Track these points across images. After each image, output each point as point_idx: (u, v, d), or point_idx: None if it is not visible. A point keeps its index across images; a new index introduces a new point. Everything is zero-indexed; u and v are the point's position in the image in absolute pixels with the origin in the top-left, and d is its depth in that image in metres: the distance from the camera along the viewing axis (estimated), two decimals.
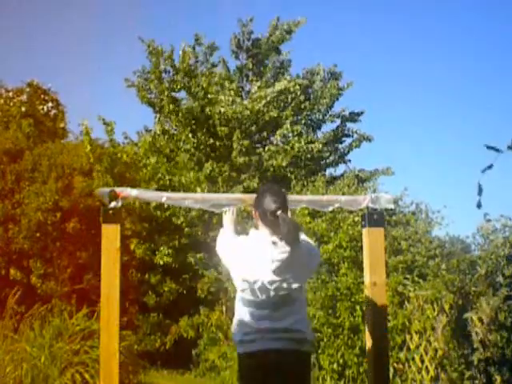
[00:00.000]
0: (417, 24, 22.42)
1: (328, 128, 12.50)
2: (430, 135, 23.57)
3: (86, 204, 9.68)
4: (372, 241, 3.60)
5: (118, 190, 3.41)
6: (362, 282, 4.16)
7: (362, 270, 3.90)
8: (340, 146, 12.46)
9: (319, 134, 12.36)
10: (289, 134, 11.44)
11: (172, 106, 11.31)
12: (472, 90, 23.34)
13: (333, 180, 11.32)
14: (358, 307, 6.49)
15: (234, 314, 3.08)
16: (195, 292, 10.56)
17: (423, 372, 5.73)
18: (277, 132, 11.36)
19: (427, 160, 22.90)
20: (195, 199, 3.59)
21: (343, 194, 8.55)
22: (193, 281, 10.83)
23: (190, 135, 11.25)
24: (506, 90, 22.43)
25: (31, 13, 26.11)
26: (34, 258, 9.54)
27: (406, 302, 6.26)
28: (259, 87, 11.64)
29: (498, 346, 4.76)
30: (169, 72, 11.67)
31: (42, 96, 15.16)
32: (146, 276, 10.66)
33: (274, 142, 11.51)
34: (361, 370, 6.28)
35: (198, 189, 10.36)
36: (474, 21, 22.00)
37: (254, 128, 11.16)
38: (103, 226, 3.38)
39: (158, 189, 10.88)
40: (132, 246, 10.33)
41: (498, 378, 4.75)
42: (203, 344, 9.74)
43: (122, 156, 10.93)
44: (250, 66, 12.32)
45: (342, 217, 7.90)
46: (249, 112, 10.81)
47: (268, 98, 10.97)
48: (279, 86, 11.22)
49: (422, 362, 5.76)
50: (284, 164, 10.95)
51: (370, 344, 3.55)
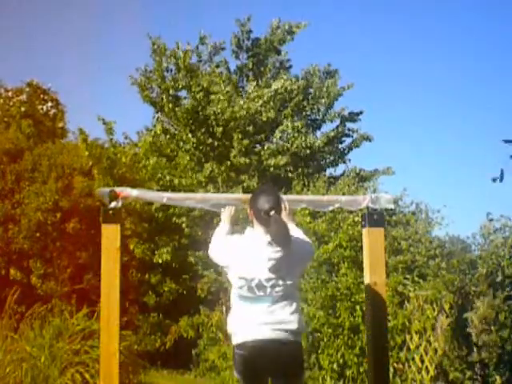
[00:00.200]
0: (417, 24, 22.40)
1: (328, 128, 12.51)
2: (430, 135, 23.55)
3: (86, 204, 9.68)
4: (372, 241, 3.61)
5: (118, 190, 3.42)
6: (362, 282, 4.16)
7: (362, 269, 3.90)
8: (340, 145, 12.45)
9: (319, 134, 12.34)
10: (288, 131, 11.41)
11: (171, 106, 11.30)
12: (472, 90, 23.34)
13: (333, 180, 11.29)
14: (358, 307, 6.48)
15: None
16: (195, 292, 10.55)
17: (423, 372, 5.73)
18: (276, 130, 11.34)
19: (427, 160, 22.89)
20: (196, 199, 3.60)
21: (343, 194, 8.54)
22: (193, 281, 10.82)
23: (190, 135, 11.23)
24: (506, 89, 22.43)
25: (31, 12, 26.12)
26: (34, 258, 9.54)
27: (405, 302, 6.26)
28: (259, 86, 11.62)
29: (498, 346, 4.76)
30: (171, 70, 11.66)
31: (42, 96, 15.15)
32: (146, 276, 10.65)
33: (274, 141, 11.48)
34: (361, 370, 6.28)
35: (200, 190, 10.35)
36: (474, 21, 21.98)
37: (251, 128, 11.14)
38: (103, 226, 3.39)
39: (159, 189, 10.89)
40: (131, 246, 10.32)
41: (498, 378, 4.75)
42: (203, 344, 9.74)
43: (122, 157, 10.93)
44: (251, 65, 12.30)
45: (342, 217, 7.89)
46: (245, 112, 10.78)
47: (265, 98, 10.93)
48: (275, 85, 11.19)
49: (422, 362, 5.76)
50: (283, 163, 10.92)
51: (369, 344, 3.55)
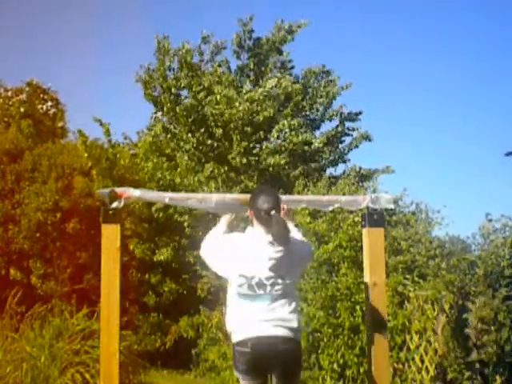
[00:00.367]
0: (417, 24, 22.45)
1: (327, 127, 12.50)
2: (430, 135, 23.61)
3: (86, 204, 9.68)
4: (372, 241, 3.61)
5: (120, 190, 3.42)
6: (362, 282, 4.16)
7: (362, 269, 3.90)
8: (340, 145, 12.43)
9: (318, 134, 12.33)
10: (285, 130, 11.38)
11: (170, 105, 11.29)
12: (472, 90, 23.35)
13: (334, 180, 11.27)
14: (358, 307, 6.48)
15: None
16: (195, 292, 10.54)
17: (423, 372, 5.73)
18: (273, 129, 11.31)
19: (427, 160, 22.93)
20: (197, 199, 3.60)
21: (344, 194, 8.53)
22: (193, 281, 10.81)
23: (190, 135, 11.23)
24: (506, 89, 22.45)
25: (31, 12, 26.11)
26: (34, 258, 9.53)
27: (406, 302, 6.26)
28: (258, 85, 11.60)
29: (498, 346, 4.76)
30: (174, 69, 11.65)
31: (42, 95, 15.15)
32: (146, 276, 10.64)
33: (271, 140, 11.45)
34: (361, 370, 6.27)
35: (205, 188, 10.33)
36: (474, 21, 22.02)
37: (249, 129, 11.12)
38: (103, 226, 3.39)
39: (159, 190, 10.87)
40: (131, 246, 10.32)
41: (498, 378, 4.76)
42: (203, 344, 9.73)
43: (120, 159, 10.92)
44: (252, 65, 12.27)
45: (342, 217, 7.89)
46: (241, 114, 10.76)
47: (258, 97, 10.88)
48: (269, 83, 11.15)
49: (422, 361, 5.76)
50: (282, 162, 10.90)
51: (370, 344, 3.55)
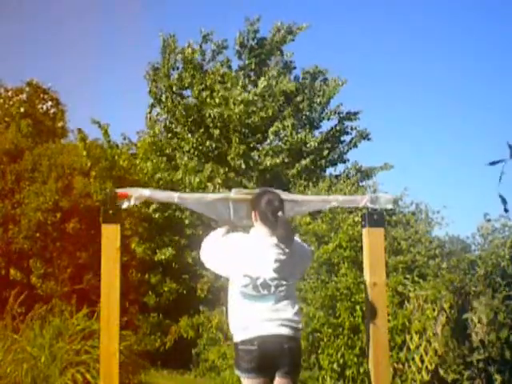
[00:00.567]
0: (417, 24, 22.42)
1: (327, 127, 12.51)
2: (430, 135, 23.60)
3: (86, 204, 9.68)
4: (372, 241, 3.61)
5: (130, 190, 3.43)
6: (362, 282, 4.16)
7: (361, 270, 3.90)
8: (340, 145, 12.43)
9: (317, 133, 12.31)
10: (280, 132, 11.37)
11: (171, 105, 11.28)
12: (472, 90, 23.36)
13: (334, 179, 11.24)
14: (358, 307, 6.48)
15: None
16: (195, 292, 10.55)
17: (423, 372, 5.72)
18: (269, 132, 11.30)
19: (427, 160, 22.93)
20: (206, 199, 3.59)
21: (344, 194, 8.52)
22: (193, 281, 10.82)
23: (189, 135, 11.22)
24: (506, 89, 22.44)
25: (31, 13, 26.10)
26: (34, 258, 9.53)
27: (405, 302, 6.25)
28: (259, 87, 11.59)
29: (498, 346, 4.76)
30: (178, 68, 11.63)
31: (42, 95, 15.13)
32: (146, 276, 10.65)
33: (268, 141, 11.43)
34: (361, 370, 6.27)
35: (209, 184, 10.34)
36: (474, 21, 22.02)
37: (247, 130, 11.10)
38: (103, 226, 3.39)
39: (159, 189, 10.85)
40: (133, 245, 10.31)
41: (498, 378, 4.75)
42: (203, 344, 9.73)
43: (119, 160, 10.92)
44: (253, 66, 12.23)
45: (342, 217, 7.89)
46: (237, 116, 10.75)
47: (251, 98, 10.86)
48: (261, 83, 11.13)
49: (422, 361, 5.76)
50: (279, 162, 10.89)
51: (370, 344, 3.55)
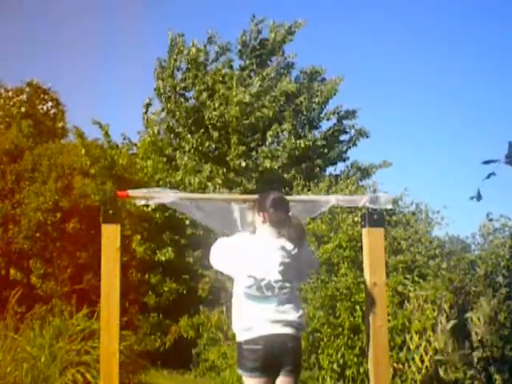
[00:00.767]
0: (417, 24, 22.42)
1: (325, 126, 12.51)
2: (430, 135, 23.61)
3: (86, 204, 9.68)
4: (372, 241, 3.61)
5: (155, 191, 3.46)
6: (362, 282, 4.16)
7: (361, 269, 3.90)
8: (339, 144, 12.42)
9: (317, 133, 12.30)
10: (279, 135, 11.37)
11: (171, 105, 11.28)
12: (472, 90, 23.37)
13: (334, 179, 11.24)
14: (358, 307, 6.47)
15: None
16: (195, 292, 10.55)
17: (423, 372, 5.72)
18: (267, 134, 11.29)
19: (427, 160, 22.95)
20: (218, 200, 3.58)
21: (344, 194, 8.52)
22: (193, 281, 10.82)
23: (189, 136, 11.23)
24: (505, 90, 22.45)
25: (31, 13, 26.10)
26: (34, 258, 9.53)
27: (405, 302, 6.25)
28: (254, 87, 11.57)
29: (498, 346, 4.76)
30: (182, 69, 11.63)
31: (42, 95, 15.14)
32: (146, 276, 10.65)
33: (267, 144, 11.42)
34: (361, 370, 6.26)
35: (209, 184, 10.35)
36: (474, 21, 22.02)
37: (246, 131, 11.10)
38: (103, 226, 3.39)
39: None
40: (133, 245, 10.30)
41: (498, 378, 4.76)
42: (203, 344, 9.73)
43: (119, 159, 10.93)
44: (254, 66, 12.21)
45: (341, 217, 7.89)
46: (234, 117, 10.75)
47: (247, 99, 10.85)
48: (256, 83, 11.11)
49: (422, 361, 5.76)
50: (276, 166, 10.91)
51: (370, 344, 3.55)
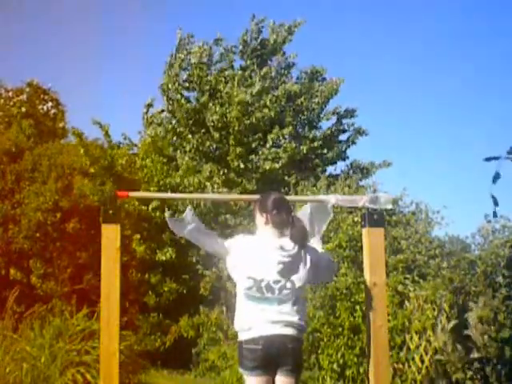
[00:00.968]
0: (417, 28, 22.39)
1: (325, 126, 12.52)
2: (430, 140, 23.65)
3: (86, 204, 9.68)
4: (372, 241, 3.60)
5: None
6: (362, 282, 4.16)
7: (361, 269, 3.90)
8: (338, 144, 12.43)
9: (317, 133, 12.31)
10: (280, 139, 11.38)
11: (174, 105, 11.29)
12: (471, 95, 23.40)
13: (333, 179, 11.25)
14: (358, 307, 6.48)
15: (234, 312, 3.21)
16: (196, 291, 10.55)
17: (423, 372, 5.72)
18: (268, 137, 11.29)
19: (426, 164, 23.02)
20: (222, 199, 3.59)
21: (344, 194, 8.52)
22: (193, 280, 10.83)
23: (190, 136, 11.24)
24: (504, 95, 22.48)
25: (31, 13, 26.11)
26: (34, 258, 9.52)
27: (405, 302, 6.25)
28: (254, 87, 11.57)
29: (498, 346, 4.77)
30: (188, 69, 11.64)
31: (42, 96, 15.13)
32: (146, 276, 10.64)
33: (267, 146, 11.42)
34: (361, 370, 6.27)
35: (207, 184, 10.37)
36: (474, 26, 22.00)
37: (246, 130, 11.10)
38: (103, 226, 3.39)
39: (158, 190, 10.90)
40: (133, 244, 10.30)
41: (498, 378, 4.76)
42: (203, 344, 9.74)
43: (118, 159, 10.93)
44: (255, 66, 12.21)
45: (341, 217, 7.89)
46: (235, 117, 10.75)
47: (248, 99, 10.84)
48: (257, 84, 11.12)
49: (422, 361, 5.76)
50: (277, 167, 10.92)
51: (369, 344, 3.55)
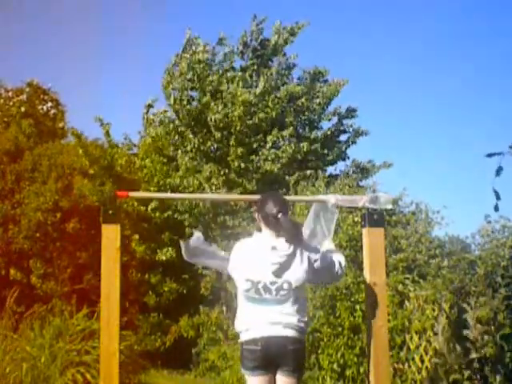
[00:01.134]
0: (417, 29, 22.39)
1: (325, 126, 12.51)
2: (430, 140, 23.65)
3: (86, 204, 9.68)
4: (372, 241, 3.60)
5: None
6: (362, 282, 4.16)
7: (361, 269, 3.90)
8: (338, 145, 12.42)
9: (318, 133, 12.30)
10: (279, 140, 11.38)
11: (177, 105, 11.29)
12: (470, 95, 23.39)
13: (333, 179, 11.25)
14: (358, 307, 6.48)
15: (234, 312, 3.28)
16: (196, 291, 10.55)
17: (423, 372, 5.72)
18: (267, 138, 11.29)
19: (427, 165, 23.03)
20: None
21: (343, 193, 8.51)
22: (193, 280, 10.83)
23: (191, 136, 11.23)
24: (504, 95, 22.47)
25: (31, 13, 26.10)
26: (34, 258, 9.53)
27: (405, 302, 6.25)
28: (258, 88, 11.57)
29: (497, 346, 4.76)
30: (193, 68, 11.65)
31: (42, 96, 15.12)
32: (146, 276, 10.64)
33: (267, 147, 11.41)
34: (361, 370, 6.26)
35: (205, 185, 10.38)
36: (474, 26, 21.99)
37: (248, 130, 11.10)
38: (103, 226, 3.39)
39: (158, 190, 10.92)
40: (133, 245, 10.31)
41: (498, 378, 4.76)
42: (203, 344, 9.73)
43: (118, 159, 10.94)
44: (255, 67, 12.19)
45: (341, 217, 7.88)
46: (237, 117, 10.75)
47: (252, 99, 10.84)
48: (261, 84, 11.12)
49: (422, 361, 5.76)
50: (276, 169, 10.93)
51: (370, 344, 3.55)
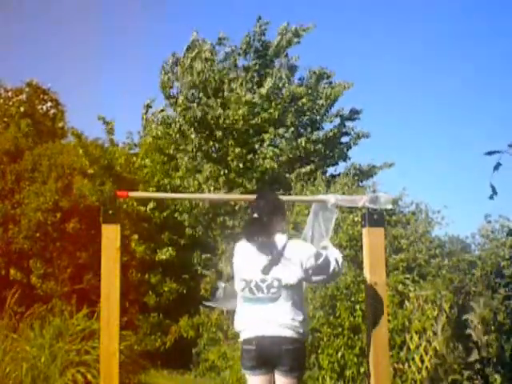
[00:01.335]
0: (417, 30, 22.39)
1: (327, 128, 12.50)
2: (430, 140, 23.65)
3: (86, 204, 9.68)
4: (372, 241, 3.61)
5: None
6: (362, 282, 4.16)
7: (361, 269, 3.90)
8: (340, 146, 12.43)
9: (320, 134, 12.30)
10: (276, 138, 11.39)
11: (182, 106, 11.29)
12: (471, 96, 23.40)
13: (333, 179, 11.25)
14: (358, 307, 6.47)
15: (234, 312, 3.39)
16: (196, 291, 10.55)
17: (423, 372, 5.72)
18: (265, 136, 11.30)
19: (427, 165, 23.03)
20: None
21: (343, 193, 8.51)
22: (193, 280, 10.83)
23: (193, 136, 11.24)
24: (504, 95, 22.47)
25: (31, 13, 26.09)
26: (34, 258, 9.54)
27: (406, 302, 6.25)
28: (264, 88, 11.55)
29: (497, 346, 4.76)
30: (197, 68, 11.64)
31: (42, 96, 15.13)
32: (146, 276, 10.64)
33: (265, 145, 11.41)
34: (361, 370, 6.26)
35: (204, 186, 10.40)
36: (475, 27, 21.99)
37: (250, 130, 11.10)
38: (103, 226, 3.39)
39: (158, 190, 10.92)
40: (133, 245, 10.30)
41: (498, 378, 4.76)
42: (203, 344, 9.73)
43: (118, 159, 10.94)
44: (257, 67, 12.18)
45: (341, 217, 7.88)
46: (240, 117, 10.76)
47: (256, 99, 10.85)
48: (266, 85, 11.13)
49: (422, 361, 5.76)
50: (275, 166, 10.93)
51: (369, 344, 3.55)
